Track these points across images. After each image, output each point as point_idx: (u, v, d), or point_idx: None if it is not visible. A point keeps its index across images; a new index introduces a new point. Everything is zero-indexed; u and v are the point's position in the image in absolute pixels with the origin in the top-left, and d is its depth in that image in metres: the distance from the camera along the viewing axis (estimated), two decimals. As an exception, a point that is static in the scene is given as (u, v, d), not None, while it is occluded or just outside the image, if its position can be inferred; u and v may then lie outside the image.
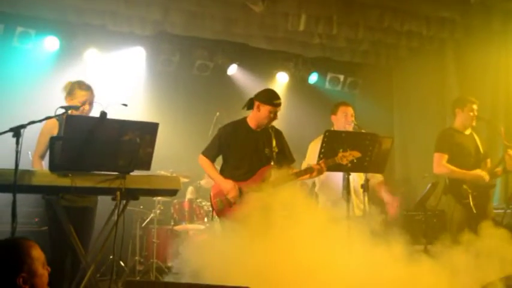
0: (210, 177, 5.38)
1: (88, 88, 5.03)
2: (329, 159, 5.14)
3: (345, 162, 5.16)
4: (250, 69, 8.98)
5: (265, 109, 5.21)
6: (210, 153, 5.29)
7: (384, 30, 7.70)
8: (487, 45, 7.91)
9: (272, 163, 5.14)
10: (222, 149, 5.27)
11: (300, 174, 5.13)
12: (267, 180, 5.01)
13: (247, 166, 5.14)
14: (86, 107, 4.97)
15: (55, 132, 4.85)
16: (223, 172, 5.25)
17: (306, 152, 5.98)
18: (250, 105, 5.30)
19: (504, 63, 7.88)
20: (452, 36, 7.83)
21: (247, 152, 5.18)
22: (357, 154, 5.18)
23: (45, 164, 4.90)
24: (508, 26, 7.30)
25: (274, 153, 5.19)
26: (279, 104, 5.26)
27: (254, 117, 5.28)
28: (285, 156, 5.30)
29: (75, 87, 5.00)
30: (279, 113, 5.27)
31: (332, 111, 6.10)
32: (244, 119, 5.34)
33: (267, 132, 5.29)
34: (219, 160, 5.34)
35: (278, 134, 5.38)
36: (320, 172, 5.13)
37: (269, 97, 5.27)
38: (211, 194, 5.22)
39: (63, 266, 4.73)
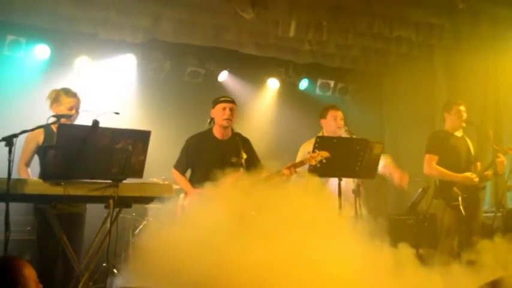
0: (183, 189, 5.44)
1: (74, 95, 5.06)
2: (298, 163, 5.26)
3: (313, 162, 5.23)
4: (241, 75, 9.00)
5: (216, 110, 5.36)
6: (181, 166, 5.41)
7: (373, 36, 7.76)
8: (475, 50, 7.98)
9: (241, 170, 5.17)
10: (189, 160, 5.36)
11: (270, 177, 5.18)
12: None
13: (213, 176, 5.01)
14: (73, 112, 4.99)
15: (41, 140, 4.88)
16: (192, 182, 5.31)
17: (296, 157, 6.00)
18: (211, 121, 5.46)
19: (492, 68, 7.96)
20: (441, 41, 7.89)
21: (213, 163, 5.17)
22: (325, 154, 5.26)
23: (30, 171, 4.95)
24: (496, 31, 7.37)
25: (242, 160, 5.23)
26: (229, 100, 5.43)
27: (216, 125, 5.37)
28: (253, 163, 5.34)
29: (61, 93, 5.03)
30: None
31: (321, 115, 6.12)
32: (210, 130, 5.44)
33: (233, 141, 5.36)
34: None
35: (245, 141, 5.46)
36: (290, 174, 5.23)
37: (216, 98, 5.49)
38: (184, 204, 5.26)
39: (54, 275, 4.73)
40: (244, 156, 5.24)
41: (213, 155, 5.28)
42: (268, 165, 5.30)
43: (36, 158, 4.98)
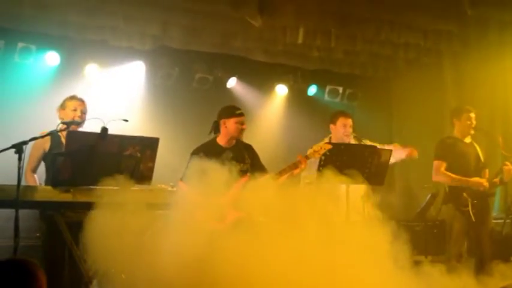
0: None
1: (78, 98, 5.14)
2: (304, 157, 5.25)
3: (317, 156, 5.23)
4: (250, 82, 9.02)
5: (231, 122, 5.30)
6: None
7: (381, 42, 7.75)
8: (484, 56, 7.96)
9: (248, 175, 5.17)
10: None
11: (285, 171, 5.17)
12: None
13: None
14: (78, 113, 5.03)
15: (47, 147, 4.92)
16: None
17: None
18: (216, 128, 5.38)
19: (501, 73, 7.93)
20: (449, 47, 7.88)
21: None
22: (328, 146, 5.26)
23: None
24: (504, 37, 7.36)
25: (247, 166, 5.24)
26: (243, 114, 5.37)
27: (224, 135, 5.35)
28: (258, 168, 5.33)
29: (66, 99, 5.14)
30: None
31: (331, 121, 6.13)
32: (213, 140, 5.39)
33: (238, 148, 5.34)
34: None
35: (248, 148, 5.44)
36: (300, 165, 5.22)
37: (231, 111, 5.39)
38: None
39: (61, 282, 4.74)
40: (249, 161, 5.26)
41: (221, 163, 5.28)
42: (277, 171, 5.29)
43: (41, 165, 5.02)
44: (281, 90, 9.33)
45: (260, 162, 5.44)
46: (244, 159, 5.26)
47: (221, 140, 5.36)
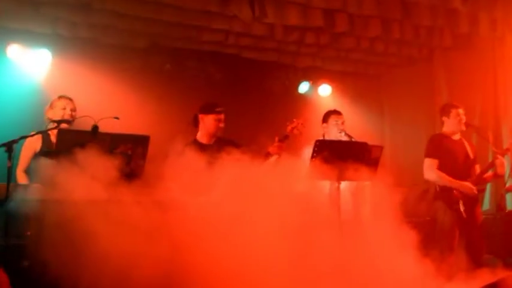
0: None
1: (67, 98, 5.15)
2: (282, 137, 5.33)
3: (296, 132, 5.27)
4: (242, 79, 9.01)
5: (209, 119, 5.36)
6: None
7: (372, 39, 7.78)
8: (474, 52, 8.02)
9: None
10: None
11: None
12: None
13: None
14: (67, 111, 5.02)
15: (38, 147, 4.91)
16: None
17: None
18: (195, 122, 5.36)
19: (492, 70, 7.98)
20: (441, 44, 7.91)
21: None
22: (304, 120, 5.33)
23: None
24: (495, 33, 7.39)
25: None
26: (222, 111, 5.41)
27: (202, 131, 5.35)
28: None
29: (54, 99, 5.18)
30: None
31: (323, 119, 6.16)
32: (194, 140, 5.41)
33: (219, 145, 5.35)
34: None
35: (230, 143, 5.41)
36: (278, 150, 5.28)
37: (210, 106, 5.44)
38: None
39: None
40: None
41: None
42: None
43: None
44: (273, 87, 9.31)
45: None
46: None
47: (201, 138, 5.36)
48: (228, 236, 4.11)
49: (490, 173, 6.23)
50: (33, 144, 4.90)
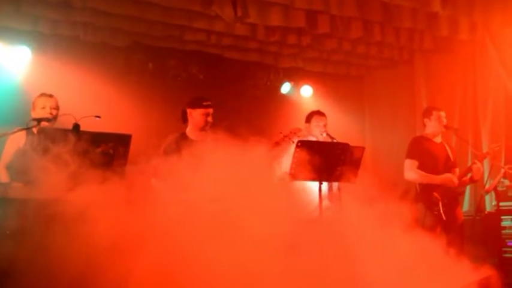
0: None
1: (48, 95, 5.10)
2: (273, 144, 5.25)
3: (287, 141, 5.29)
4: (224, 79, 9.00)
5: (197, 113, 5.31)
6: None
7: (354, 41, 7.82)
8: (455, 55, 8.10)
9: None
10: None
11: None
12: None
13: None
14: (47, 110, 4.99)
15: (22, 144, 4.86)
16: None
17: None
18: (184, 117, 5.37)
19: (471, 73, 8.07)
20: (421, 47, 7.98)
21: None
22: (298, 130, 5.30)
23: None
24: (475, 36, 7.46)
25: None
26: (210, 105, 5.36)
27: (191, 126, 5.34)
28: None
29: (35, 98, 5.12)
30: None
31: (306, 119, 6.18)
32: (183, 133, 5.37)
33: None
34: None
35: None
36: None
37: (197, 100, 5.37)
38: None
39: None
40: None
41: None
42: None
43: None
44: (255, 88, 9.32)
45: None
46: None
47: (190, 133, 5.34)
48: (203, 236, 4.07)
49: (467, 177, 6.30)
50: (17, 140, 4.85)
